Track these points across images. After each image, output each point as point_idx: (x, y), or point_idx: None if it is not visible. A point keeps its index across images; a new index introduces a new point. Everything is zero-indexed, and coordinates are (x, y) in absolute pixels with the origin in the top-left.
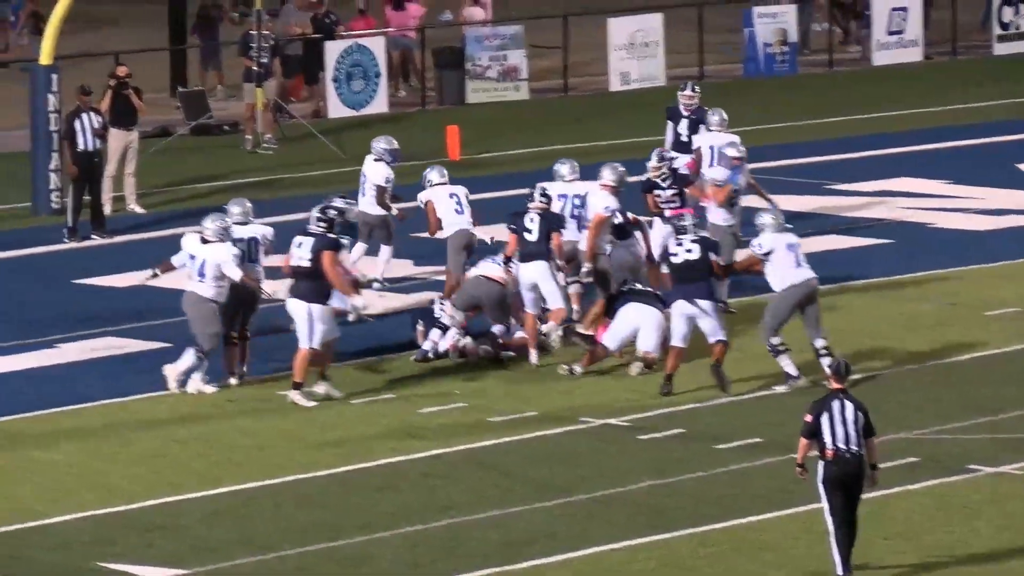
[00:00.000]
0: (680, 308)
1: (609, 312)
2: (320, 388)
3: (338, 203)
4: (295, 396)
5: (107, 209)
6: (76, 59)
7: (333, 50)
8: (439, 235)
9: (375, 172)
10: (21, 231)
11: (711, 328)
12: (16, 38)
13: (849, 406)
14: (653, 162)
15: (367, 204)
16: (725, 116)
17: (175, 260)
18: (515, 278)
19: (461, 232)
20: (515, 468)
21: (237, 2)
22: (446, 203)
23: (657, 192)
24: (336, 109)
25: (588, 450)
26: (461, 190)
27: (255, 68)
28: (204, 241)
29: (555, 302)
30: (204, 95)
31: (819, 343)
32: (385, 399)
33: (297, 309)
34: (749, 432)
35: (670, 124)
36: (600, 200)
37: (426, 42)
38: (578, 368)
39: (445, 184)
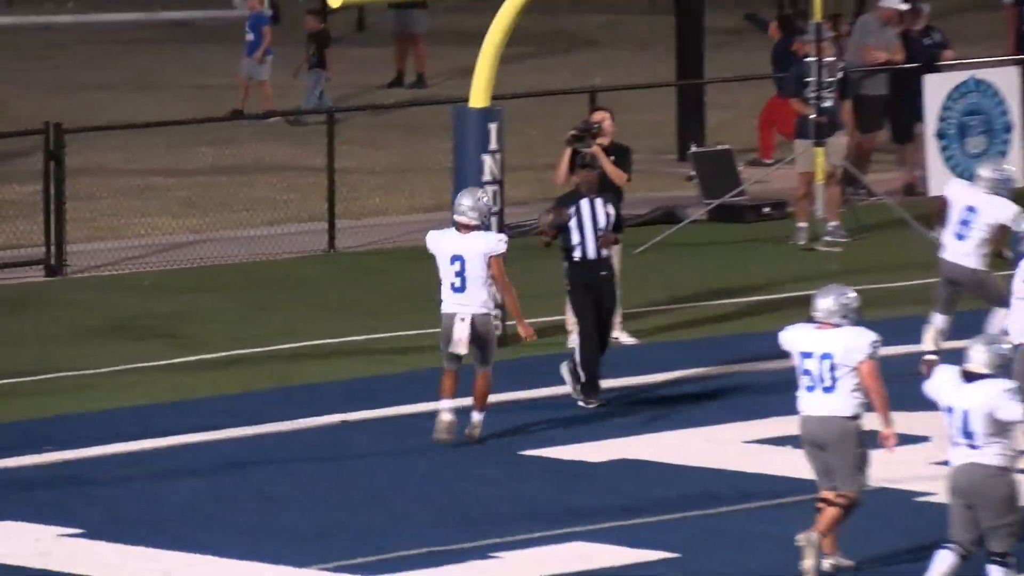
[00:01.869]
0: None
1: None
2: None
3: None
4: None
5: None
6: (522, 99)
7: (938, 88)
8: None
9: (994, 207)
10: None
11: None
12: (252, 67)
13: None
14: None
15: (965, 255)
16: None
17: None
18: None
19: None
20: None
21: (790, 13)
22: None
23: None
24: (942, 181)
25: None
26: None
27: (812, 116)
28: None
29: None
30: (731, 157)
31: None
32: None
33: None
34: None
35: None
36: None
37: None
38: None
39: None
